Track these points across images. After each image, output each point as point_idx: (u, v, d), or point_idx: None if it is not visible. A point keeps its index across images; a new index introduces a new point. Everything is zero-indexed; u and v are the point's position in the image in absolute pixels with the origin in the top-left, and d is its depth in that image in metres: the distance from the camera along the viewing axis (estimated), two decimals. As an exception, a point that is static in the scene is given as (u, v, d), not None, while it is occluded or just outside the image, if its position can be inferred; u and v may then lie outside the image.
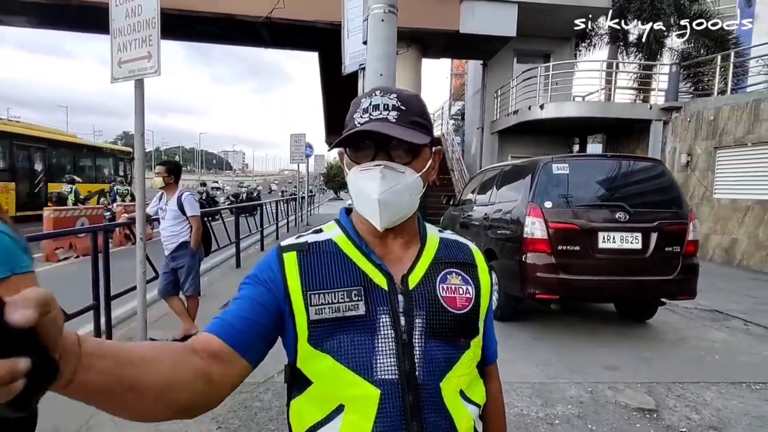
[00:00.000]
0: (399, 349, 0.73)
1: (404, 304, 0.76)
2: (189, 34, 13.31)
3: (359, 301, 0.74)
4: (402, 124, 0.75)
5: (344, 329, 0.74)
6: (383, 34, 3.62)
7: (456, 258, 0.85)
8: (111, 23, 3.29)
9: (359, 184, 0.77)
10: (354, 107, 0.79)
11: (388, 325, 0.74)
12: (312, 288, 0.75)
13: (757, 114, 8.34)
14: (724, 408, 3.04)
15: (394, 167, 0.75)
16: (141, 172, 3.42)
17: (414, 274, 0.79)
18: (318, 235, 0.82)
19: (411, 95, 0.79)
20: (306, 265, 0.77)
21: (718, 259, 9.05)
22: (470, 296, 0.81)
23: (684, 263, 4.14)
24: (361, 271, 0.77)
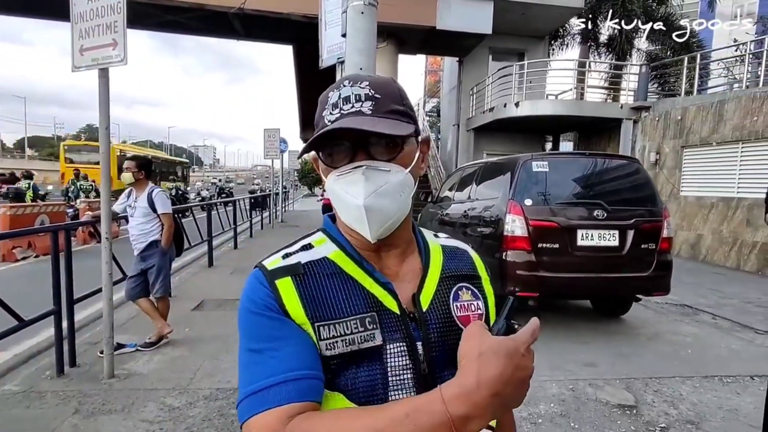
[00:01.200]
0: (419, 383, 0.64)
1: (419, 329, 0.66)
2: (157, 24, 12.81)
3: (375, 330, 0.64)
4: (379, 114, 0.64)
5: (358, 364, 0.63)
6: (363, 26, 3.53)
7: (462, 269, 0.75)
8: (71, 7, 3.06)
9: (340, 191, 0.65)
10: (322, 103, 0.68)
11: (404, 354, 0.64)
12: (319, 319, 0.63)
13: (721, 114, 8.65)
14: (700, 402, 3.10)
15: (378, 166, 0.64)
16: (105, 166, 3.20)
17: (425, 293, 0.69)
18: (309, 253, 0.70)
19: (385, 80, 0.69)
20: (306, 292, 0.65)
21: (684, 255, 9.37)
22: (482, 312, 0.72)
23: (659, 260, 4.22)
24: (370, 294, 0.66)
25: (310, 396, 0.58)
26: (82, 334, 4.06)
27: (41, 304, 3.25)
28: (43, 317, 3.18)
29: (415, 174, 0.69)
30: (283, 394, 0.57)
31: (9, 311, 2.90)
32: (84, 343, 3.85)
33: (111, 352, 3.26)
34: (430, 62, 26.37)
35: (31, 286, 4.99)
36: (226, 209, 10.71)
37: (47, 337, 3.83)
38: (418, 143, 0.71)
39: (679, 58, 12.01)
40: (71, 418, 2.66)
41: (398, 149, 0.66)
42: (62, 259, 3.29)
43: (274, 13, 10.48)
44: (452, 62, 15.70)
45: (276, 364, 0.60)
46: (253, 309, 0.64)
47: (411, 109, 0.70)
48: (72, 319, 3.44)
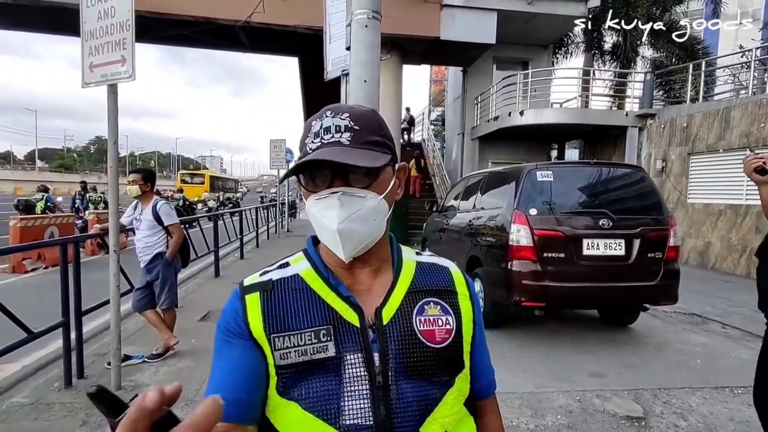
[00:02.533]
0: (374, 393, 0.67)
1: (377, 342, 0.69)
2: (164, 38, 13.00)
3: (328, 342, 0.67)
4: (357, 145, 0.69)
5: (312, 374, 0.67)
6: (367, 39, 3.57)
7: (434, 285, 0.77)
8: (82, 25, 3.14)
9: (317, 214, 0.70)
10: (306, 130, 0.72)
11: (361, 366, 0.67)
12: (276, 330, 0.68)
13: (727, 121, 8.61)
14: (710, 414, 3.06)
15: (353, 192, 0.69)
16: (114, 180, 3.25)
17: (388, 307, 0.72)
18: (284, 271, 0.75)
19: (365, 112, 0.73)
20: (269, 306, 0.70)
21: (692, 263, 9.28)
22: (450, 327, 0.73)
23: (666, 269, 4.19)
24: (330, 308, 0.70)
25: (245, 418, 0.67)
26: (90, 346, 4.09)
27: (50, 316, 3.29)
28: (52, 329, 3.22)
29: (390, 199, 0.74)
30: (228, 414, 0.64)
31: (19, 324, 2.93)
32: (91, 354, 3.88)
33: (118, 364, 3.28)
34: (435, 72, 26.51)
35: (40, 297, 5.05)
36: (232, 219, 10.77)
37: (55, 349, 3.87)
38: (394, 170, 0.76)
39: (684, 65, 12.00)
40: (79, 430, 2.68)
41: (374, 177, 0.70)
42: (71, 271, 3.33)
43: (279, 26, 10.60)
44: (456, 72, 15.78)
45: (211, 383, 0.70)
46: (220, 325, 0.73)
47: (389, 138, 0.74)
48: (80, 330, 3.47)
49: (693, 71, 10.86)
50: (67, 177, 54.76)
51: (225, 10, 10.26)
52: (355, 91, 3.61)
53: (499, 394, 2.89)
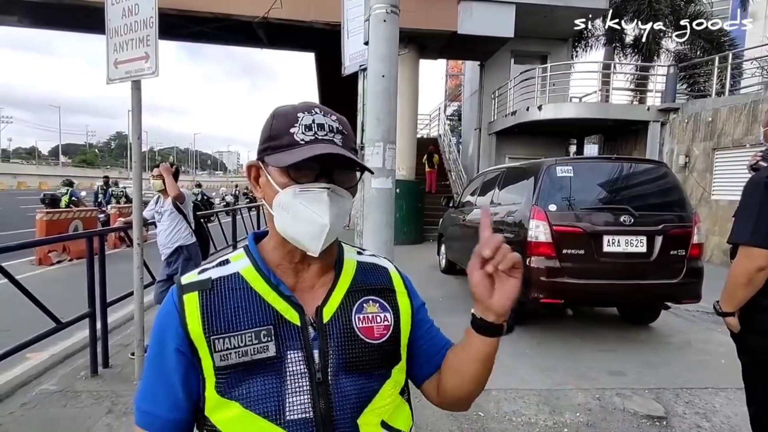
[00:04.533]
0: (313, 388, 0.69)
1: (318, 340, 0.71)
2: (184, 35, 13.17)
3: (269, 342, 0.69)
4: (346, 149, 0.71)
5: (254, 373, 0.68)
6: (385, 34, 3.55)
7: (373, 284, 0.80)
8: (107, 23, 3.20)
9: (300, 206, 0.69)
10: (288, 119, 0.71)
11: (302, 363, 0.70)
12: (216, 332, 0.69)
13: (755, 115, 8.35)
14: (734, 415, 2.99)
15: (340, 192, 0.71)
16: (138, 174, 3.33)
17: (329, 306, 0.74)
18: (224, 268, 0.75)
19: (345, 120, 0.76)
20: (208, 306, 0.70)
21: (716, 260, 9.05)
22: (389, 323, 0.77)
23: (689, 266, 4.10)
24: (271, 307, 0.71)
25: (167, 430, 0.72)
26: (114, 336, 4.19)
27: (75, 306, 3.38)
28: (79, 320, 3.32)
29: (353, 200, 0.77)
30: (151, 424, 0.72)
31: (48, 314, 3.03)
32: (116, 345, 3.98)
33: (142, 354, 3.35)
34: (451, 66, 26.29)
35: (65, 288, 5.19)
36: (250, 213, 10.91)
37: (81, 339, 3.98)
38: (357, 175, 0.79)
39: (709, 57, 11.66)
40: (105, 418, 2.76)
41: (354, 181, 0.75)
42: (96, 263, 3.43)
43: (297, 22, 10.65)
44: (474, 66, 15.63)
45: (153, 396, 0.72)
46: (154, 330, 0.73)
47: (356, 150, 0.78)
48: (105, 321, 3.57)
49: (719, 64, 10.54)
50: (90, 172, 56.09)
51: (243, 6, 10.34)
52: (373, 86, 3.60)
53: (517, 390, 2.88)
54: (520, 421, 2.85)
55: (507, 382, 3.37)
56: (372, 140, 3.56)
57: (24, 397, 3.02)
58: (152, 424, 0.72)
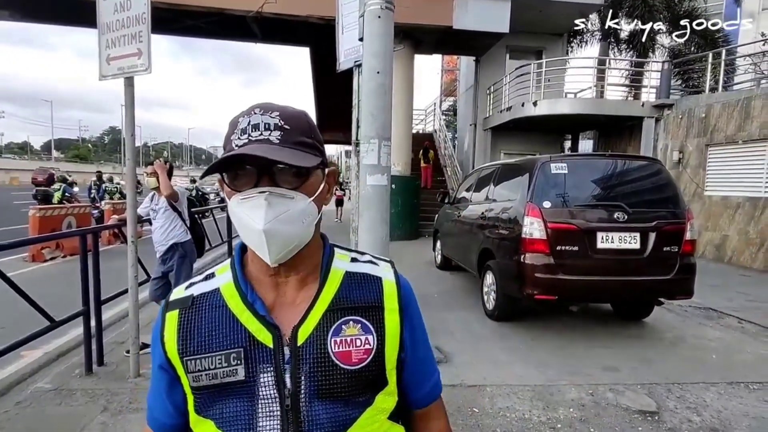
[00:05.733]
0: (283, 414, 0.67)
1: (291, 362, 0.68)
2: (177, 29, 13.05)
3: (238, 366, 0.67)
4: (286, 145, 0.66)
5: (226, 395, 0.68)
6: (380, 30, 3.55)
7: (358, 301, 0.73)
8: (98, 18, 3.17)
9: (242, 214, 0.66)
10: (231, 127, 0.69)
11: (272, 387, 0.67)
12: (189, 353, 0.69)
13: (748, 112, 8.40)
14: (724, 409, 3.04)
15: (282, 193, 0.66)
16: (131, 171, 3.30)
17: (305, 326, 0.69)
18: (207, 283, 0.74)
19: (296, 112, 0.71)
20: (185, 325, 0.70)
21: (709, 256, 9.14)
22: (370, 347, 0.70)
23: (682, 263, 4.14)
24: (244, 328, 0.69)
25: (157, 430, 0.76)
26: (109, 334, 4.18)
27: (69, 304, 3.37)
28: (73, 318, 3.30)
29: (319, 203, 0.71)
30: (152, 424, 0.77)
31: (42, 312, 3.02)
32: (111, 342, 3.97)
33: (137, 352, 3.35)
34: (447, 61, 26.23)
35: (59, 285, 5.17)
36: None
37: (75, 337, 3.96)
38: (324, 175, 0.73)
39: (703, 54, 11.70)
40: (100, 416, 2.76)
41: (303, 179, 0.68)
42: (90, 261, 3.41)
43: (291, 16, 10.56)
44: (469, 61, 15.60)
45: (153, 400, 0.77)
46: (152, 347, 0.75)
47: (320, 142, 0.73)
48: (100, 319, 3.55)
49: (713, 60, 10.59)
50: (83, 167, 55.60)
51: (237, 0, 10.26)
52: (367, 83, 3.60)
53: (511, 386, 2.90)
54: (514, 416, 2.88)
55: (501, 378, 3.40)
56: (367, 137, 3.56)
57: (18, 396, 3.01)
58: (154, 425, 0.77)
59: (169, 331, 0.71)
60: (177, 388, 0.72)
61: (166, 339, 0.71)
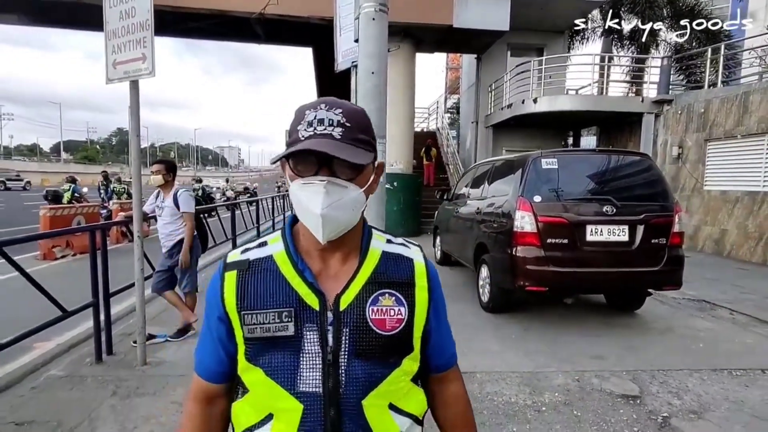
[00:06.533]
0: (324, 368, 0.78)
1: (334, 325, 0.79)
2: (181, 31, 13.28)
3: (289, 322, 0.78)
4: (346, 141, 0.75)
5: (275, 347, 0.79)
6: (374, 32, 3.68)
7: (392, 277, 0.84)
8: (105, 25, 3.33)
9: (302, 197, 0.77)
10: (298, 117, 0.78)
11: (316, 344, 0.78)
12: (246, 308, 0.80)
13: (746, 106, 8.44)
14: (705, 393, 3.16)
15: (338, 183, 0.76)
16: (137, 170, 3.48)
17: (347, 295, 0.81)
18: (261, 250, 0.85)
19: (356, 111, 0.80)
20: (243, 284, 0.81)
21: (708, 250, 9.19)
22: (402, 317, 0.82)
23: (670, 254, 4.25)
24: (295, 291, 0.80)
25: (211, 379, 0.88)
26: (117, 326, 4.37)
27: (79, 299, 3.54)
28: (84, 308, 3.49)
29: (367, 193, 0.82)
30: (202, 372, 0.89)
31: (54, 302, 3.20)
32: (119, 333, 4.15)
33: (144, 342, 3.53)
34: (451, 59, 26.29)
35: (69, 282, 5.36)
36: (249, 208, 11.06)
37: (85, 329, 4.15)
38: (374, 167, 0.84)
39: (703, 49, 11.70)
40: (109, 400, 2.94)
41: (357, 172, 0.78)
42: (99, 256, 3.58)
43: (293, 17, 10.74)
44: (470, 59, 15.68)
45: (202, 350, 0.89)
46: (206, 297, 0.87)
47: (373, 138, 0.83)
48: (108, 311, 3.73)
49: (712, 55, 10.60)
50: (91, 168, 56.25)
51: (239, 2, 10.44)
52: (363, 83, 3.74)
53: (500, 372, 3.07)
54: (501, 400, 3.01)
55: (491, 365, 3.54)
56: (362, 135, 3.70)
57: (33, 382, 3.19)
58: (203, 371, 0.89)
59: (228, 289, 0.81)
60: (229, 338, 0.83)
61: (226, 295, 0.81)
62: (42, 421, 2.68)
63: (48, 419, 2.70)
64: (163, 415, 2.76)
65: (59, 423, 2.65)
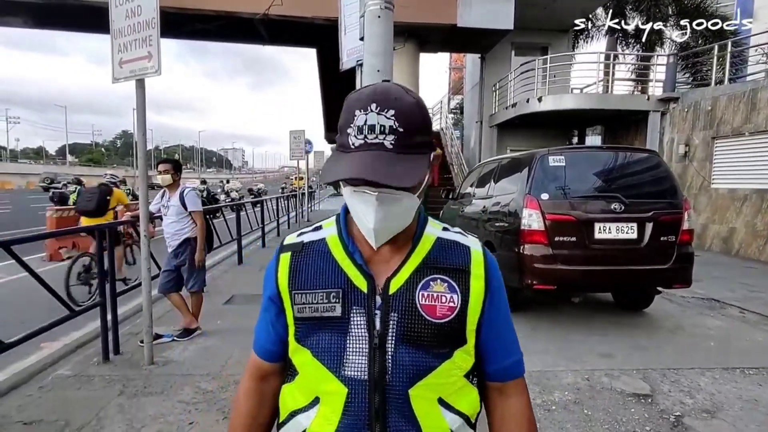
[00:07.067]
0: (370, 352, 0.75)
1: (382, 308, 0.77)
2: (186, 32, 13.32)
3: (336, 303, 0.77)
4: (400, 149, 0.70)
5: (322, 328, 0.78)
6: (380, 30, 3.66)
7: (447, 263, 0.80)
8: (111, 24, 3.34)
9: (354, 206, 0.76)
10: (348, 114, 0.72)
11: (363, 327, 0.76)
12: (297, 288, 0.80)
13: (754, 103, 8.37)
14: (718, 392, 3.11)
15: (391, 193, 0.71)
16: (143, 170, 3.48)
17: (397, 278, 0.78)
18: (316, 233, 0.85)
19: (411, 106, 0.72)
20: (296, 265, 0.82)
21: (716, 249, 9.11)
22: (454, 305, 0.77)
23: (679, 252, 4.20)
24: (344, 273, 0.79)
25: (265, 357, 0.89)
26: (124, 326, 4.37)
27: (85, 300, 3.55)
28: (91, 308, 3.49)
29: (423, 188, 0.79)
30: (257, 350, 0.91)
31: (62, 302, 3.20)
32: (126, 333, 4.15)
33: (150, 342, 3.53)
34: (454, 59, 26.25)
35: (77, 282, 5.37)
36: (254, 209, 11.08)
37: (92, 330, 4.16)
38: (430, 160, 0.78)
39: (710, 46, 11.61)
40: (117, 399, 2.93)
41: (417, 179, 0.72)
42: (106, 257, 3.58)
43: (297, 18, 10.75)
44: (474, 59, 15.64)
45: (259, 329, 0.91)
46: (264, 277, 0.88)
47: (429, 129, 0.77)
48: (115, 310, 3.73)
49: (718, 53, 10.52)
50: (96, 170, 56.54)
51: (244, 3, 10.46)
52: (368, 82, 3.72)
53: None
54: (510, 399, 2.98)
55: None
56: (368, 133, 3.68)
57: (40, 382, 3.19)
58: (258, 349, 0.90)
59: (282, 269, 0.82)
60: (282, 318, 0.84)
61: (280, 275, 0.82)
62: (50, 420, 2.68)
63: (56, 419, 2.69)
64: (170, 414, 2.75)
65: (67, 422, 2.65)
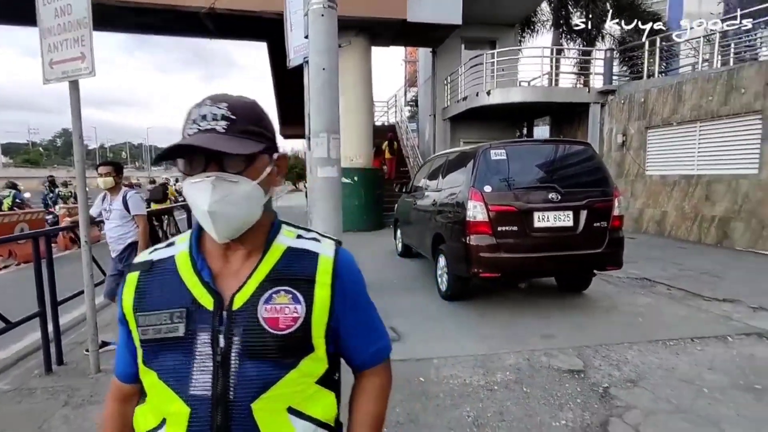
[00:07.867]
0: (214, 369, 0.76)
1: (225, 325, 0.77)
2: (127, 26, 12.68)
3: (180, 323, 0.77)
4: (232, 134, 0.74)
5: (167, 349, 0.78)
6: (324, 28, 3.70)
7: (292, 274, 0.81)
8: (39, 23, 3.20)
9: (191, 196, 0.76)
10: (185, 116, 0.77)
11: (207, 346, 0.76)
12: (141, 310, 0.80)
13: (680, 95, 9.03)
14: (642, 364, 3.42)
15: (226, 177, 0.74)
16: (81, 173, 3.36)
17: (241, 293, 0.79)
18: (167, 250, 0.85)
19: (245, 103, 0.79)
20: (142, 286, 0.82)
21: (651, 231, 9.80)
22: (297, 315, 0.78)
23: (611, 237, 4.54)
24: (189, 292, 0.79)
25: (123, 379, 0.90)
26: (68, 336, 4.22)
27: (26, 310, 3.41)
28: (29, 319, 3.36)
29: (266, 185, 0.81)
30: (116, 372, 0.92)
31: (-4, 314, 3.06)
32: (71, 343, 4.02)
33: (96, 349, 3.44)
34: (409, 52, 26.39)
35: (12, 293, 5.10)
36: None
37: (34, 341, 3.98)
38: (272, 159, 0.83)
39: (640, 42, 12.36)
40: (61, 410, 2.86)
41: (249, 163, 0.77)
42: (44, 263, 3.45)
43: (245, 12, 10.50)
44: (426, 53, 15.85)
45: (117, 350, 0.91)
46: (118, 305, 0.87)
47: (267, 129, 0.81)
48: (57, 320, 3.60)
49: (649, 47, 11.23)
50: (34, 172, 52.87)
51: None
52: (314, 79, 3.76)
53: (456, 357, 3.21)
54: (456, 382, 3.16)
55: (447, 350, 3.68)
56: (316, 132, 3.72)
57: (-23, 398, 3.06)
58: (117, 371, 0.91)
59: (128, 290, 0.82)
60: (131, 340, 0.83)
61: (125, 297, 0.82)
62: (-12, 436, 2.59)
63: (-5, 434, 2.61)
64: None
65: (7, 437, 2.57)
